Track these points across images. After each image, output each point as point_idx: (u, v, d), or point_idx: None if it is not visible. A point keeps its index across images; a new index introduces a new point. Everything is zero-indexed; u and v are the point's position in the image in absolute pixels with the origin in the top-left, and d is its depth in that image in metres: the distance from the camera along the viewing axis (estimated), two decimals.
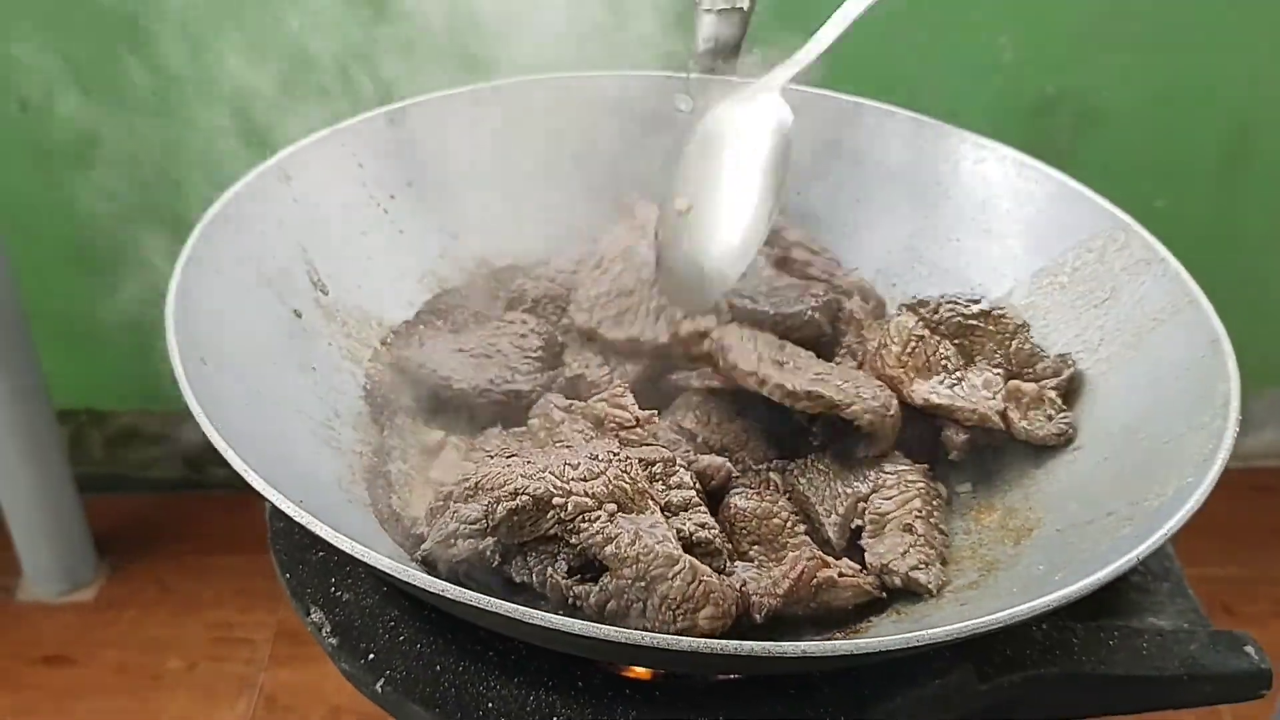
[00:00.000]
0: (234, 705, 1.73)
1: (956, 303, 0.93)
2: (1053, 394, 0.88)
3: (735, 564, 0.79)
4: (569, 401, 0.85)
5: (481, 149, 1.08)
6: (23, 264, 1.57)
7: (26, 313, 1.58)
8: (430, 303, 1.02)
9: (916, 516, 0.82)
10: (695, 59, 1.12)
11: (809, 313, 0.93)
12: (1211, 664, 0.80)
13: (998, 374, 0.90)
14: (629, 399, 0.84)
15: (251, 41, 1.02)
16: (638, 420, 0.83)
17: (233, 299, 0.84)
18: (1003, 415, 0.87)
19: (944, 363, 0.90)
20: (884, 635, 0.61)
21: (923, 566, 0.79)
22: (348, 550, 0.60)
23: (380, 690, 0.75)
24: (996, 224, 1.03)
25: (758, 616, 0.75)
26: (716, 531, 0.77)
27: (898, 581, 0.78)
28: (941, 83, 1.65)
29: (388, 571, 0.60)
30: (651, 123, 1.12)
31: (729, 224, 0.89)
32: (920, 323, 0.91)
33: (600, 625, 0.56)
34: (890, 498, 0.83)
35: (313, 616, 0.79)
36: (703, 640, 0.56)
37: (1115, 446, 0.83)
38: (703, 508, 0.78)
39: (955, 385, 0.89)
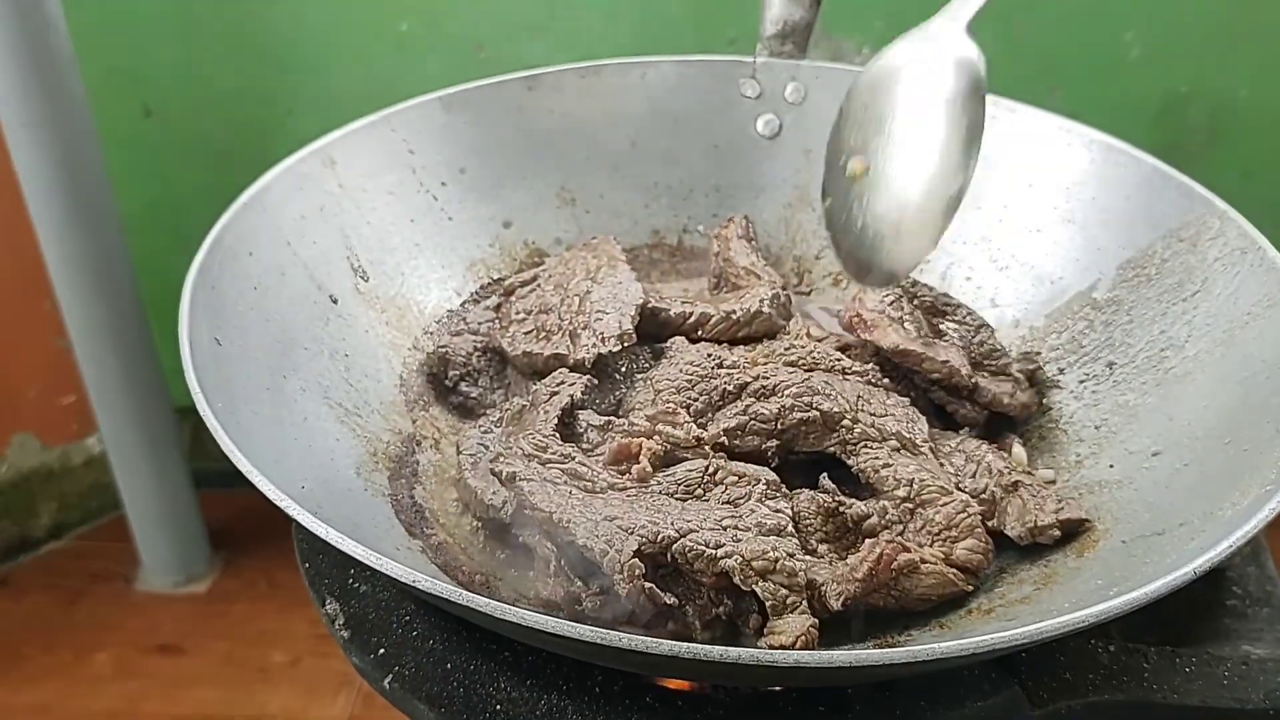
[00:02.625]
0: (334, 701, 1.74)
1: (932, 288, 0.95)
2: (1020, 376, 0.89)
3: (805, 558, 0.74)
4: (605, 419, 0.81)
5: (536, 136, 1.05)
6: (143, 261, 1.61)
7: (146, 310, 1.61)
8: (479, 292, 0.99)
9: (1014, 474, 0.80)
10: (763, 42, 1.07)
11: (762, 307, 0.90)
12: None
13: (963, 353, 0.89)
14: (684, 417, 0.79)
15: None
16: (698, 441, 0.78)
17: (264, 282, 0.83)
18: (971, 377, 0.86)
19: (915, 325, 0.90)
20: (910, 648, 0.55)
21: (1065, 507, 0.77)
22: (323, 536, 0.57)
23: (388, 686, 0.72)
24: (1081, 212, 0.95)
25: (834, 603, 0.70)
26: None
27: (1056, 533, 0.76)
28: (1063, 82, 1.56)
29: (365, 561, 0.56)
30: (715, 110, 1.08)
31: (916, 182, 0.73)
32: (898, 288, 0.92)
33: (576, 625, 0.52)
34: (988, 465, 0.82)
35: (328, 608, 0.76)
36: (685, 645, 0.51)
37: (1197, 452, 0.75)
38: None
39: (925, 343, 0.89)
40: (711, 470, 0.76)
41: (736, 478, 0.76)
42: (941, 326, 0.92)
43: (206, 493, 1.87)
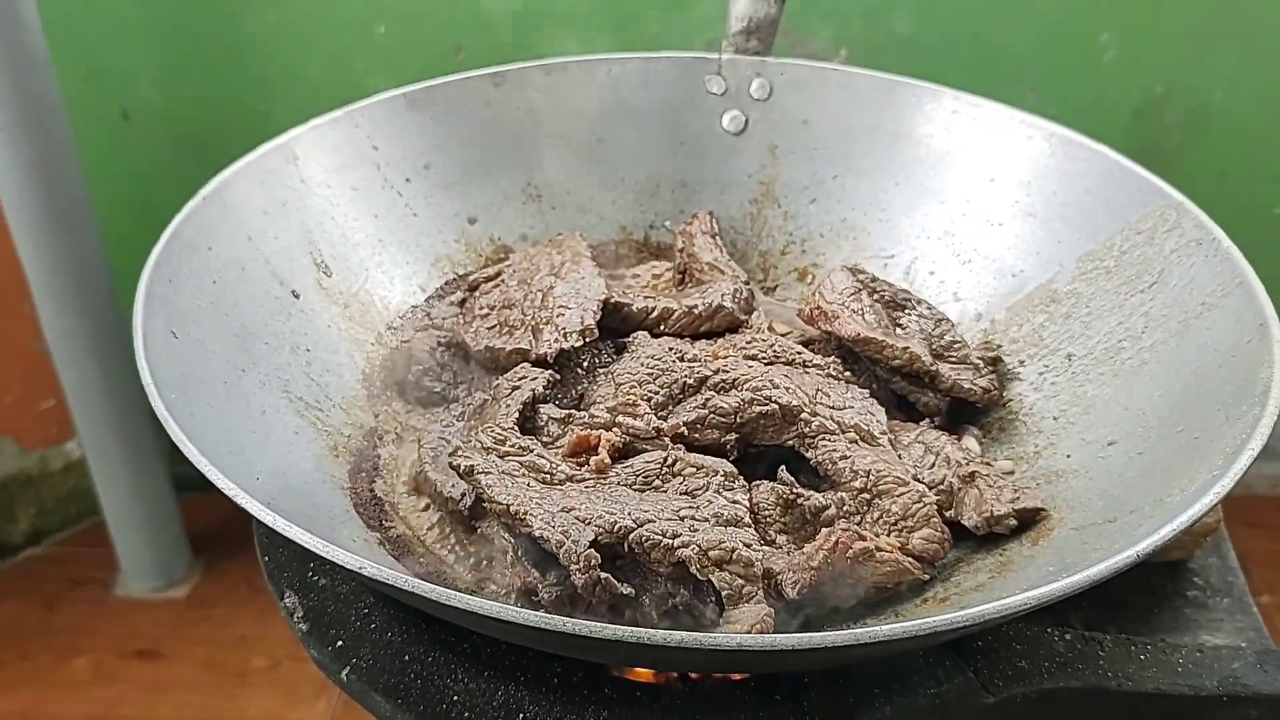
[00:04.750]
0: (314, 705, 1.74)
1: (891, 284, 0.95)
2: (979, 363, 0.90)
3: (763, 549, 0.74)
4: (566, 412, 0.81)
5: (502, 132, 1.05)
6: (121, 264, 1.60)
7: (125, 316, 1.60)
8: (443, 287, 0.99)
9: (971, 465, 0.80)
10: (728, 39, 1.07)
11: (724, 301, 0.91)
12: (1256, 684, 0.72)
13: (923, 343, 0.90)
14: (644, 409, 0.79)
15: None
16: (658, 432, 0.78)
17: (224, 276, 0.83)
18: (932, 364, 0.87)
19: (875, 317, 0.90)
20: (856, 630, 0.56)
21: (1021, 496, 0.77)
22: (270, 524, 0.57)
23: (345, 678, 0.72)
24: (1042, 206, 0.96)
25: (790, 591, 0.71)
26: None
27: (1013, 522, 0.76)
28: (1040, 82, 1.57)
29: (311, 548, 0.56)
30: (681, 106, 1.08)
31: None
32: (857, 282, 0.92)
33: (521, 610, 0.52)
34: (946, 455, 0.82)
35: (286, 601, 0.76)
36: (630, 629, 0.51)
37: (1151, 440, 0.75)
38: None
39: (885, 332, 0.89)
40: (670, 462, 0.76)
41: (695, 469, 0.76)
42: (901, 320, 0.92)
43: (188, 498, 1.86)
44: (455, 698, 0.70)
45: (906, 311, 0.93)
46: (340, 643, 0.73)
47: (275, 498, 0.66)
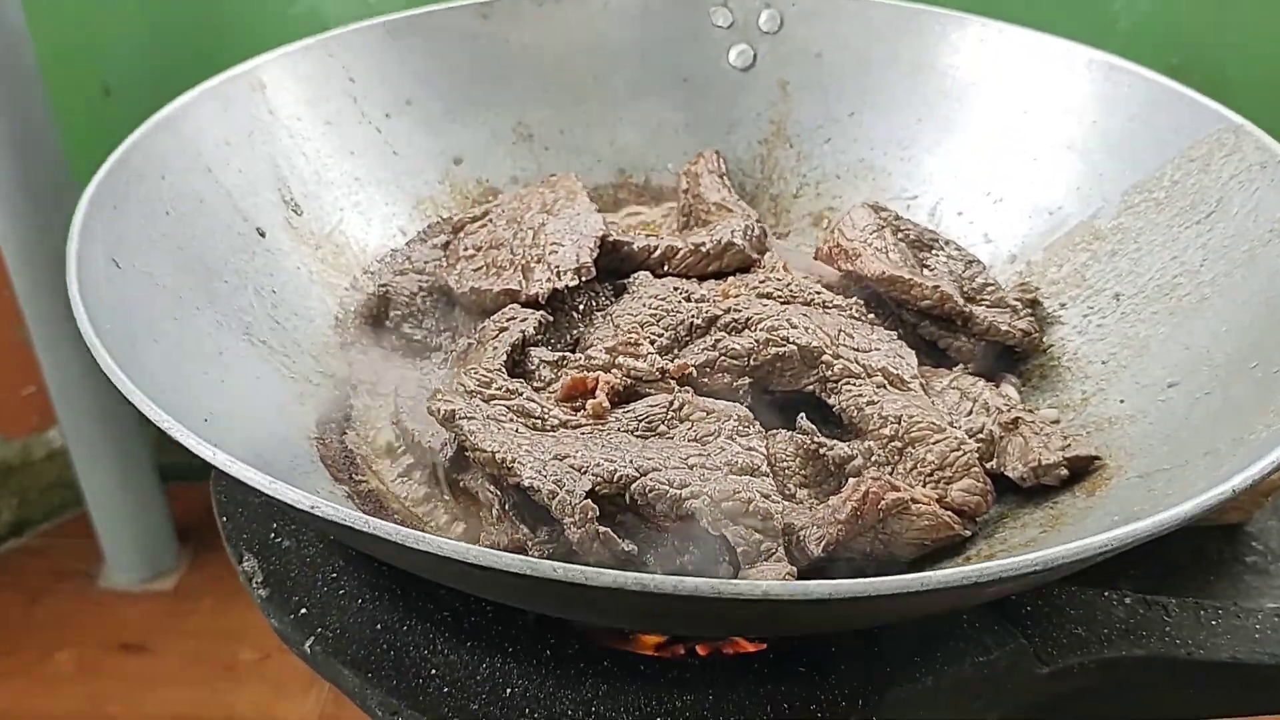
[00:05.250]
0: (304, 699, 1.66)
1: (916, 223, 0.86)
2: (1016, 304, 0.81)
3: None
4: (559, 355, 0.72)
5: (491, 67, 0.96)
6: None
7: None
8: (426, 231, 0.91)
9: (1013, 411, 0.72)
10: None
11: (734, 238, 0.82)
12: None
13: (953, 284, 0.82)
14: (647, 348, 0.71)
15: None
16: (662, 373, 0.70)
17: (179, 208, 0.75)
18: (964, 303, 0.79)
19: (900, 255, 0.82)
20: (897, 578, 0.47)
21: (1072, 444, 0.68)
22: (209, 459, 0.49)
23: (309, 650, 0.64)
24: (1082, 138, 0.87)
25: (814, 548, 0.62)
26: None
27: (1064, 472, 0.67)
28: None
29: (254, 484, 0.48)
30: (685, 41, 1.00)
31: None
32: (880, 220, 0.84)
33: (500, 554, 0.43)
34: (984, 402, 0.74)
35: (245, 565, 0.68)
36: (631, 575, 0.43)
37: (1219, 379, 0.67)
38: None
39: (912, 271, 0.81)
40: (677, 405, 0.68)
41: (705, 414, 0.68)
42: (928, 261, 0.84)
43: (175, 486, 1.78)
44: (434, 671, 0.62)
45: (934, 252, 0.84)
46: (304, 611, 0.65)
47: (225, 439, 0.57)
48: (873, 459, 0.69)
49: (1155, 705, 0.66)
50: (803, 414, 0.70)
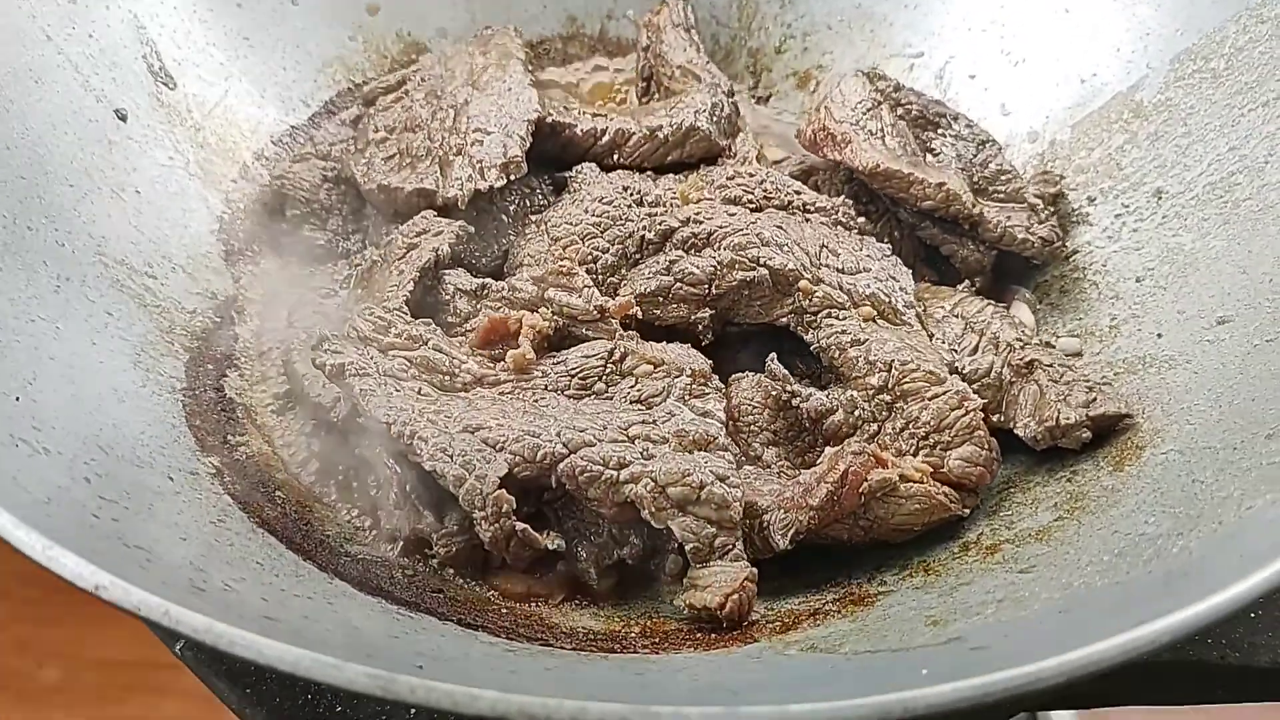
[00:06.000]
0: None
1: (920, 94, 0.72)
2: (1036, 202, 0.69)
3: (744, 469, 0.55)
4: (480, 282, 0.59)
5: None
6: None
7: None
8: (334, 101, 0.76)
9: (1028, 349, 0.60)
10: None
11: (697, 120, 0.68)
12: None
13: (962, 176, 0.69)
14: (582, 279, 0.58)
15: None
16: (601, 312, 0.57)
17: (6, 94, 0.60)
18: (974, 204, 0.66)
19: (899, 140, 0.69)
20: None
21: (1099, 398, 0.57)
22: None
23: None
24: None
25: (780, 540, 0.53)
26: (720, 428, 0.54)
27: (1087, 435, 0.56)
28: None
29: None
30: None
31: None
32: (876, 93, 0.70)
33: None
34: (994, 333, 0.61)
35: None
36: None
37: None
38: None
39: (912, 163, 0.68)
40: (617, 356, 0.56)
41: (651, 366, 0.55)
42: (932, 143, 0.70)
43: None
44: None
45: (940, 131, 0.70)
46: None
47: (40, 425, 0.46)
48: (856, 413, 0.57)
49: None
50: (773, 355, 0.58)
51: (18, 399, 0.48)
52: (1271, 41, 0.64)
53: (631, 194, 0.63)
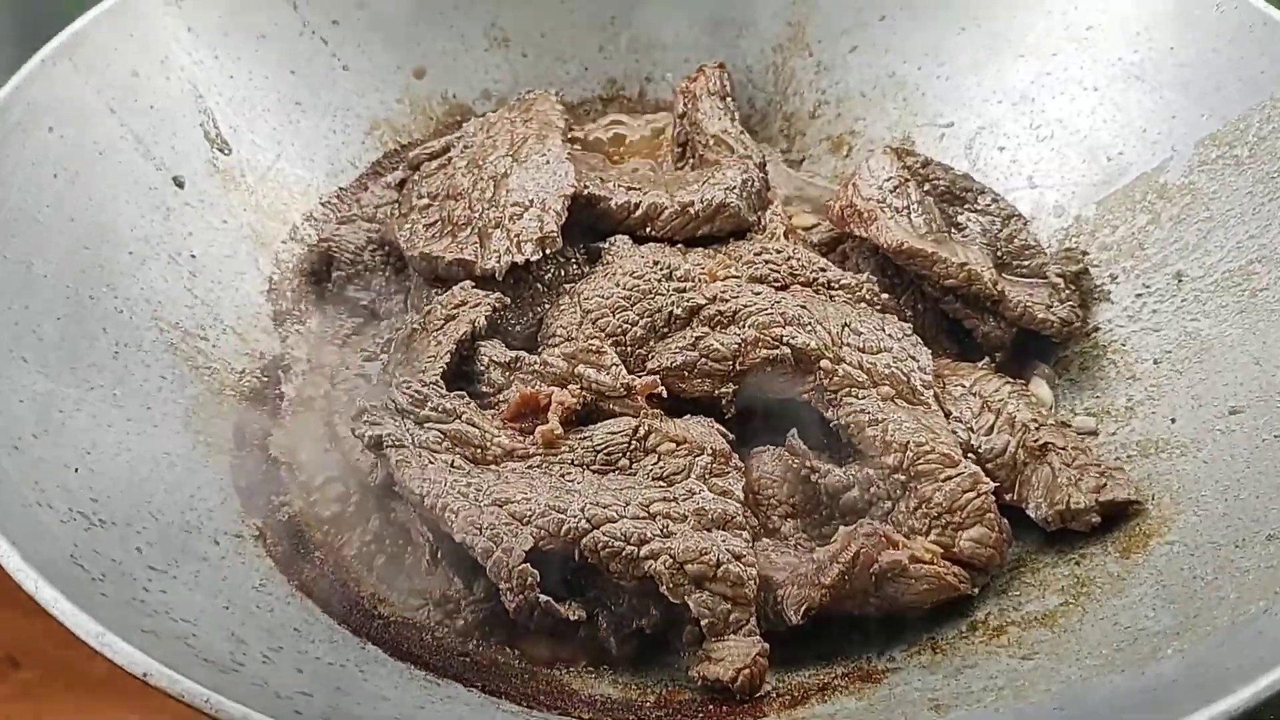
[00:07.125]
0: None
1: (949, 169, 0.74)
2: (1058, 280, 0.70)
3: (761, 541, 0.58)
4: (514, 354, 0.62)
5: None
6: None
7: None
8: (381, 163, 0.79)
9: (1043, 430, 0.62)
10: None
11: (727, 197, 0.70)
12: None
13: (986, 251, 0.70)
14: (611, 357, 0.61)
15: None
16: (627, 390, 0.59)
17: (72, 165, 0.63)
18: (996, 283, 0.68)
19: (925, 217, 0.70)
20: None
21: (1108, 483, 0.58)
22: (31, 592, 0.40)
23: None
24: (1153, 68, 0.73)
25: (793, 615, 0.55)
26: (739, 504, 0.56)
27: (1095, 519, 0.58)
28: None
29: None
30: None
31: None
32: (904, 169, 0.72)
33: None
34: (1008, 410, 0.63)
35: None
36: None
37: None
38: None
39: (937, 240, 0.70)
40: (642, 433, 0.58)
41: (674, 445, 0.58)
42: (959, 218, 0.72)
43: None
44: None
45: (966, 206, 0.72)
46: None
47: (95, 495, 0.49)
48: (872, 491, 0.59)
49: None
50: (794, 430, 0.60)
51: (77, 470, 0.51)
52: None
53: (661, 269, 0.66)
